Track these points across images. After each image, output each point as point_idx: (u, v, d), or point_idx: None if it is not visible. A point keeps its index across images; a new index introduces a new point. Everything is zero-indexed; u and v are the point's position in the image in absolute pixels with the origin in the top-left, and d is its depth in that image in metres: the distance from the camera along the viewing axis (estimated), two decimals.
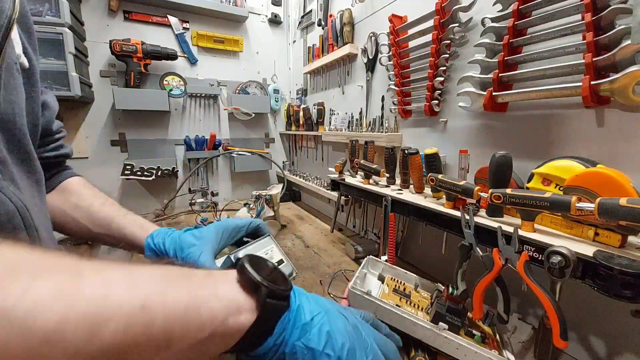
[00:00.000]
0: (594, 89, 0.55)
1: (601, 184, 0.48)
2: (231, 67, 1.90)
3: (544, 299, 0.48)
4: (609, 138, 0.58)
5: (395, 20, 1.02)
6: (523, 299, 0.75)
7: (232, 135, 1.95)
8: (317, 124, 1.64)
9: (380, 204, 0.87)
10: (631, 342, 0.57)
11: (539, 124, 0.69)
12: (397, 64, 1.02)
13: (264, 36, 1.99)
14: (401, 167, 0.91)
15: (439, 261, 0.98)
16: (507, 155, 0.59)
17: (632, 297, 0.40)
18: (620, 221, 0.43)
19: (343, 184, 1.11)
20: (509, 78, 0.70)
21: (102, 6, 1.52)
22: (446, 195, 0.72)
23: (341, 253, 1.16)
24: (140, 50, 1.50)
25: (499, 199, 0.57)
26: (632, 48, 0.50)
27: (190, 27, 1.74)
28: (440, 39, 0.87)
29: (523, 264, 0.51)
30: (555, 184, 0.57)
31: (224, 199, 1.96)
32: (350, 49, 1.30)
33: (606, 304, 0.59)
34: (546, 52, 0.63)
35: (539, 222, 0.58)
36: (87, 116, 1.55)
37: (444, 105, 0.92)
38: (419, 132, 1.02)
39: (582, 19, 0.56)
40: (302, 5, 1.84)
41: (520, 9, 0.67)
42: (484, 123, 0.81)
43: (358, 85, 1.33)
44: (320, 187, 1.56)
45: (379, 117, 1.18)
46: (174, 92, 1.65)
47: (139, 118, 1.67)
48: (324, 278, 0.97)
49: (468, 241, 0.63)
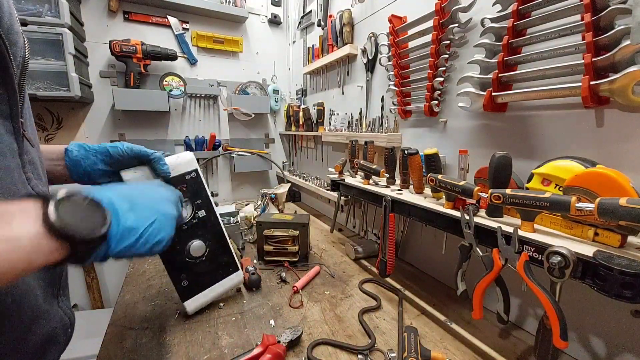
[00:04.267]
0: (594, 89, 0.55)
1: (601, 184, 0.48)
2: (231, 68, 1.90)
3: (544, 299, 0.48)
4: (608, 138, 0.58)
5: (394, 20, 1.02)
6: (523, 299, 0.75)
7: (232, 135, 1.95)
8: (316, 124, 1.64)
9: (380, 204, 0.87)
10: (631, 342, 0.57)
11: (538, 124, 0.69)
12: (396, 64, 1.02)
13: (263, 37, 1.99)
14: (401, 167, 0.91)
15: (439, 261, 0.98)
16: (507, 156, 0.59)
17: (631, 297, 0.40)
18: (619, 221, 0.43)
19: (343, 184, 1.11)
20: (509, 78, 0.70)
21: (101, 7, 1.53)
22: (446, 196, 0.72)
23: (341, 253, 1.16)
24: (140, 51, 1.50)
25: (499, 199, 0.57)
26: (631, 48, 0.50)
27: (190, 27, 1.74)
28: (439, 39, 0.87)
29: (523, 264, 0.51)
30: (555, 184, 0.57)
31: (223, 199, 1.96)
32: (350, 50, 1.31)
33: (606, 304, 0.59)
34: (546, 53, 0.63)
35: (539, 222, 0.58)
36: (87, 116, 1.55)
37: (443, 105, 0.92)
38: (419, 132, 1.02)
39: (581, 19, 0.57)
40: (302, 6, 1.84)
41: (519, 9, 0.67)
42: (483, 123, 0.81)
43: (358, 85, 1.33)
44: (320, 187, 1.56)
45: (379, 118, 1.18)
46: (173, 92, 1.66)
47: (139, 118, 1.67)
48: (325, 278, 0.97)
49: (468, 241, 0.63)
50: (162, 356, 0.64)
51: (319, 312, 0.80)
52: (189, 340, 0.69)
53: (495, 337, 0.72)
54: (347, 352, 0.66)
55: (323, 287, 0.92)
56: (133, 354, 0.65)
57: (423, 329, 0.74)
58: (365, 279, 0.95)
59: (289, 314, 0.79)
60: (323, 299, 0.86)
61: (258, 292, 0.89)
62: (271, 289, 0.91)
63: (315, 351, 0.66)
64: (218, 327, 0.74)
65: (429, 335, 0.72)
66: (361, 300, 0.85)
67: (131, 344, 0.68)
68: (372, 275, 0.99)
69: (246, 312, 0.79)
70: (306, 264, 1.06)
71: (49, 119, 1.47)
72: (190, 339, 0.69)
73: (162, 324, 0.74)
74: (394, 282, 0.93)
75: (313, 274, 0.97)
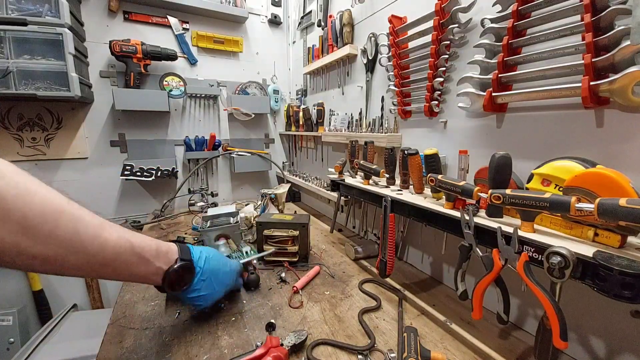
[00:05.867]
0: (594, 90, 0.55)
1: (600, 185, 0.48)
2: (231, 68, 1.90)
3: (544, 299, 0.48)
4: (608, 138, 0.58)
5: (394, 21, 1.02)
6: (523, 300, 0.75)
7: (231, 135, 1.95)
8: (316, 124, 1.64)
9: (380, 205, 0.87)
10: (631, 342, 0.57)
11: (538, 125, 0.69)
12: (396, 64, 1.02)
13: (263, 37, 1.99)
14: (401, 167, 0.91)
15: (438, 262, 0.98)
16: (507, 156, 0.59)
17: (631, 298, 0.40)
18: (619, 221, 0.43)
19: (343, 185, 1.11)
20: (509, 79, 0.70)
21: (102, 7, 1.53)
22: (446, 196, 0.72)
23: (341, 254, 1.16)
24: (140, 51, 1.50)
25: (499, 199, 0.57)
26: (631, 49, 0.50)
27: (190, 27, 1.74)
28: (439, 39, 0.87)
29: (523, 265, 0.51)
30: (555, 184, 0.57)
31: (223, 199, 1.96)
32: (350, 50, 1.31)
33: (606, 304, 0.59)
34: (546, 53, 0.63)
35: (539, 222, 0.58)
36: (87, 116, 1.55)
37: (443, 105, 0.92)
38: (419, 132, 1.02)
39: (581, 20, 0.57)
40: (302, 6, 1.84)
41: (519, 9, 0.67)
42: (483, 123, 0.81)
43: (358, 85, 1.33)
44: (320, 187, 1.56)
45: (379, 118, 1.18)
46: (173, 92, 1.66)
47: (139, 118, 1.67)
48: (325, 279, 0.97)
49: (468, 242, 0.63)
50: (162, 356, 0.64)
51: (318, 312, 0.80)
52: (189, 340, 0.69)
53: (495, 337, 0.72)
54: (347, 352, 0.66)
55: (323, 287, 0.92)
56: (133, 354, 0.65)
57: (423, 329, 0.74)
58: (365, 279, 0.95)
59: (288, 314, 0.79)
60: (323, 299, 0.86)
61: (258, 292, 0.89)
62: (271, 289, 0.91)
63: (315, 351, 0.66)
64: (218, 327, 0.74)
65: (428, 335, 0.72)
66: (361, 300, 0.85)
67: (131, 344, 0.68)
68: (372, 275, 0.99)
69: (246, 312, 0.79)
70: (306, 264, 1.06)
71: (49, 119, 1.47)
72: (190, 339, 0.69)
73: (162, 324, 0.74)
74: (393, 282, 0.93)
75: (313, 274, 0.97)
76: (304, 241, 1.05)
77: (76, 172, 1.56)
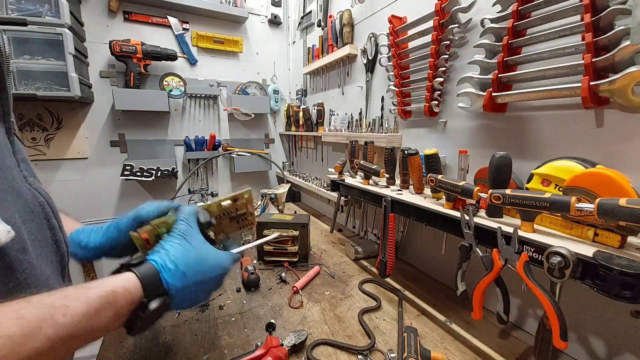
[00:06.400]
0: (593, 90, 0.55)
1: (600, 185, 0.48)
2: (231, 68, 1.90)
3: (544, 299, 0.48)
4: (608, 138, 0.58)
5: (394, 21, 1.02)
6: (523, 300, 0.75)
7: (231, 135, 1.95)
8: (316, 124, 1.64)
9: (380, 205, 0.87)
10: (631, 342, 0.57)
11: (538, 125, 0.69)
12: (396, 64, 1.02)
13: (263, 37, 1.99)
14: (401, 167, 0.91)
15: (438, 262, 0.98)
16: (507, 156, 0.59)
17: (631, 298, 0.40)
18: (619, 222, 0.43)
19: (343, 185, 1.11)
20: (509, 79, 0.70)
21: (102, 7, 1.53)
22: (446, 196, 0.72)
23: (341, 254, 1.16)
24: (140, 51, 1.50)
25: (499, 199, 0.57)
26: (631, 49, 0.50)
27: (190, 27, 1.74)
28: (439, 39, 0.87)
29: (523, 265, 0.51)
30: (555, 184, 0.57)
31: None
32: (350, 50, 1.31)
33: (606, 304, 0.59)
34: (545, 53, 0.63)
35: (539, 222, 0.58)
36: (87, 117, 1.55)
37: (443, 105, 0.92)
38: (419, 132, 1.02)
39: (581, 20, 0.57)
40: (302, 6, 1.84)
41: (519, 9, 0.67)
42: (483, 123, 0.81)
43: (358, 85, 1.33)
44: (320, 187, 1.56)
45: (379, 118, 1.18)
46: (173, 92, 1.66)
47: (139, 118, 1.67)
48: (325, 279, 0.97)
49: (468, 242, 0.63)
50: (162, 356, 0.64)
51: (318, 312, 0.80)
52: (189, 340, 0.69)
53: (495, 337, 0.72)
54: (347, 352, 0.66)
55: (323, 287, 0.92)
56: (133, 354, 0.65)
57: (423, 329, 0.74)
58: (365, 279, 0.95)
59: (288, 314, 0.79)
60: (323, 299, 0.86)
61: (258, 292, 0.89)
62: (271, 289, 0.91)
63: (315, 351, 0.66)
64: (218, 327, 0.74)
65: (428, 335, 0.72)
66: (361, 300, 0.85)
67: (131, 344, 0.68)
68: (372, 275, 0.99)
69: (246, 313, 0.79)
70: (306, 264, 1.06)
71: (49, 119, 1.47)
72: (190, 339, 0.69)
73: (162, 324, 0.74)
74: (393, 282, 0.93)
75: (313, 274, 0.97)
76: (304, 241, 1.05)
77: (76, 172, 1.56)
